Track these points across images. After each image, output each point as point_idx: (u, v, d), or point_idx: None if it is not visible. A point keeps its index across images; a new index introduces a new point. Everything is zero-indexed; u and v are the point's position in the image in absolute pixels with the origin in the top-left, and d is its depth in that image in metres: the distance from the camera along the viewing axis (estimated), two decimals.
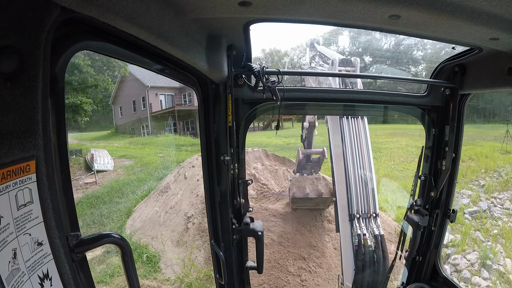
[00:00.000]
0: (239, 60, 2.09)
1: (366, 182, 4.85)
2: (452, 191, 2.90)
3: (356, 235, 4.42)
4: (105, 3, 0.94)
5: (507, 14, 1.41)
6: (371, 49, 30.67)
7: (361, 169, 4.90)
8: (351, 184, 4.78)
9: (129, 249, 1.34)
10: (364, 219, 4.63)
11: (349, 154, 4.98)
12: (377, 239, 4.31)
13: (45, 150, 0.91)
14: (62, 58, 0.99)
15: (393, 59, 28.76)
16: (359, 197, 4.74)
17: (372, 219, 4.66)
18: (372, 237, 4.37)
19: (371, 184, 4.86)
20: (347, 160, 4.93)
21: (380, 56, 29.27)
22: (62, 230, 1.00)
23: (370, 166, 4.97)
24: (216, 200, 2.39)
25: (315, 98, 2.56)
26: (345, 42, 33.45)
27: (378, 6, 1.38)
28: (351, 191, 4.75)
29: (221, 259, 2.37)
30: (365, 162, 4.99)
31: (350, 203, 4.71)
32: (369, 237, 4.37)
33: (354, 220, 4.58)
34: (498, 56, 2.01)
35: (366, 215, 4.67)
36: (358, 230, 4.49)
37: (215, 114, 2.22)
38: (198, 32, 1.69)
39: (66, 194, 1.04)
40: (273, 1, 1.39)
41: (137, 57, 1.40)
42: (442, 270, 3.08)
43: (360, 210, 4.68)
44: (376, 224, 4.62)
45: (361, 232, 4.44)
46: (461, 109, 2.65)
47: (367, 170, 4.94)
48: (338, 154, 5.08)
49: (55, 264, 0.98)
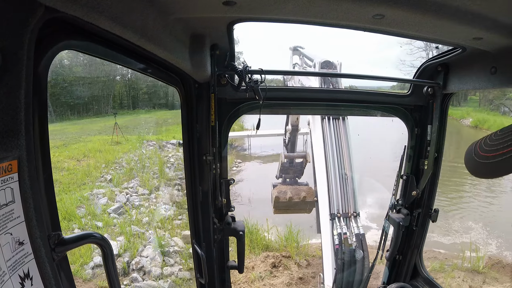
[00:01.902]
0: (223, 60, 2.09)
1: (347, 182, 4.95)
2: (434, 191, 2.89)
3: (337, 234, 4.47)
4: (89, 3, 0.94)
5: (491, 13, 1.42)
6: None
7: (342, 170, 5.02)
8: (332, 184, 4.90)
9: (110, 249, 1.35)
10: (345, 218, 4.69)
11: (331, 155, 5.13)
12: (358, 238, 4.36)
13: (27, 150, 0.90)
14: (46, 58, 0.98)
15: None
16: (340, 196, 4.83)
17: (353, 218, 4.72)
18: (353, 236, 4.42)
19: (351, 184, 4.96)
20: (329, 161, 5.07)
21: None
22: (43, 230, 0.99)
23: (350, 167, 5.09)
24: (198, 199, 2.38)
25: (297, 97, 2.57)
26: None
27: (362, 6, 1.38)
28: (332, 191, 4.86)
29: (202, 258, 2.37)
30: (346, 163, 5.12)
31: (331, 202, 4.80)
32: (349, 236, 4.42)
33: (335, 219, 4.65)
34: (482, 55, 2.01)
35: (347, 214, 4.74)
36: (338, 229, 4.55)
37: (198, 113, 2.22)
38: (182, 31, 1.68)
39: (48, 193, 1.04)
40: (257, 1, 1.39)
41: (120, 56, 1.39)
42: (423, 269, 3.09)
43: (341, 209, 4.76)
44: (357, 223, 4.69)
45: (342, 231, 4.48)
46: (444, 109, 2.65)
47: (348, 170, 5.05)
48: (319, 155, 5.24)
49: (36, 264, 0.97)
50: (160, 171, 14.01)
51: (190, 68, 1.86)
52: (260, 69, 2.11)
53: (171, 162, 15.52)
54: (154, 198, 12.01)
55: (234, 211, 2.61)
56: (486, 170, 1.12)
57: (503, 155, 1.02)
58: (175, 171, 14.54)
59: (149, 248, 8.63)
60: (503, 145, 1.03)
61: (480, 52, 1.98)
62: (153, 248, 8.55)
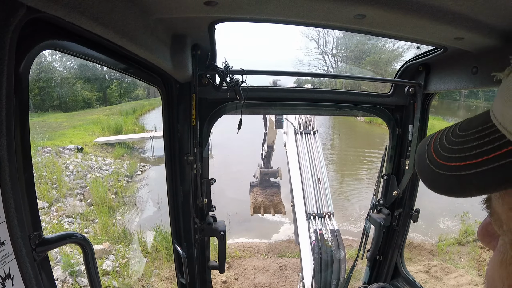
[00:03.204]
0: (204, 60, 2.09)
1: (320, 187, 5.28)
2: (415, 191, 2.90)
3: (313, 230, 4.59)
4: (70, 3, 0.93)
5: (472, 13, 1.42)
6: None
7: (315, 175, 5.43)
8: (306, 189, 5.22)
9: (91, 249, 1.34)
10: (320, 218, 4.86)
11: (304, 164, 5.62)
12: (333, 234, 4.47)
13: (8, 150, 0.90)
14: (27, 58, 0.97)
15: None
16: (315, 199, 5.10)
17: (327, 217, 4.90)
18: (328, 232, 4.53)
19: (324, 188, 5.27)
20: (303, 169, 5.51)
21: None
22: (24, 230, 0.98)
23: (322, 173, 5.48)
24: (178, 199, 2.38)
25: (279, 97, 2.58)
26: None
27: (344, 6, 1.38)
28: (307, 194, 5.15)
29: (183, 258, 2.36)
30: (318, 170, 5.53)
31: (307, 205, 5.03)
32: (325, 232, 4.54)
33: (311, 219, 4.83)
34: (463, 55, 2.02)
35: (322, 214, 4.92)
36: (314, 226, 4.70)
37: (179, 113, 2.22)
38: (163, 31, 1.68)
39: (29, 194, 1.02)
40: (239, 1, 1.40)
41: (101, 57, 1.38)
42: (404, 269, 3.12)
43: (316, 210, 4.98)
44: (331, 221, 4.85)
45: (317, 228, 4.62)
46: (425, 109, 2.65)
47: (320, 176, 5.43)
48: (294, 165, 5.69)
49: (17, 264, 0.96)
50: (58, 180, 12.88)
51: (171, 68, 1.86)
52: (241, 69, 2.12)
53: (70, 169, 14.44)
54: (55, 211, 11.09)
55: (215, 211, 2.61)
56: (448, 186, 0.65)
57: (477, 165, 0.59)
58: (75, 179, 13.51)
59: (58, 269, 7.76)
60: (476, 149, 0.61)
61: (461, 52, 2.00)
62: (62, 269, 7.72)
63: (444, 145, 0.71)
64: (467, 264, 9.37)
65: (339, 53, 37.81)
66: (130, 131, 21.39)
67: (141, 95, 34.92)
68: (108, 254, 8.73)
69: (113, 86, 32.40)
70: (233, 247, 10.10)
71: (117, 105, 30.72)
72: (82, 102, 28.76)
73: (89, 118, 23.09)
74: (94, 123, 21.72)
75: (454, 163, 0.64)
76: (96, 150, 17.60)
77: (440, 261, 9.37)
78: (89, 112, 26.04)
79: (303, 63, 37.72)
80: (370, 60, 33.89)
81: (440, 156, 0.69)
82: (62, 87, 27.61)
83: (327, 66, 38.00)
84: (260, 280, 8.55)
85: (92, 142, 18.24)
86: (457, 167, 0.63)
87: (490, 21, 1.51)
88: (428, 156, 0.73)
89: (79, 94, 28.51)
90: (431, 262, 9.23)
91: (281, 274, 8.77)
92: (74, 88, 28.10)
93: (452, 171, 0.64)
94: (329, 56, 37.95)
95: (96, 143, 18.27)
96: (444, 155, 0.68)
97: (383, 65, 32.05)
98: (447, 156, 0.67)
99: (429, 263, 9.15)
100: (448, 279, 8.44)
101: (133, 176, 15.47)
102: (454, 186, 0.64)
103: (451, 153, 0.67)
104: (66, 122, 22.16)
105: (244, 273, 8.90)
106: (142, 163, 17.46)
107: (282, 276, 8.70)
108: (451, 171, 0.64)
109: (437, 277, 8.55)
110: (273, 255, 9.79)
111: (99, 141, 18.45)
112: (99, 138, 19.09)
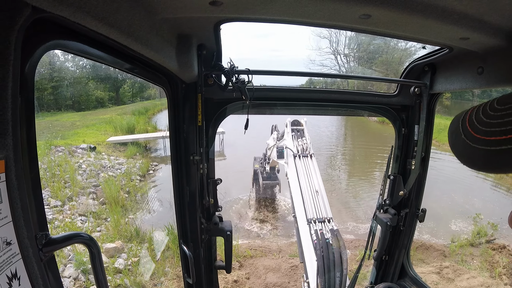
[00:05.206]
0: (210, 60, 2.09)
1: (318, 198, 5.74)
2: (421, 191, 2.89)
3: (314, 231, 4.73)
4: (76, 2, 0.94)
5: (478, 14, 1.42)
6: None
7: (314, 188, 5.99)
8: (306, 199, 5.69)
9: (97, 249, 1.35)
10: (320, 222, 5.05)
11: (303, 180, 6.27)
12: (333, 233, 4.56)
13: (14, 150, 0.90)
14: (33, 58, 0.98)
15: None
16: (314, 208, 5.48)
17: (327, 221, 5.09)
18: (328, 232, 4.61)
19: (322, 199, 5.70)
20: (302, 185, 6.12)
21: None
22: (31, 230, 0.99)
23: (320, 187, 6.04)
24: (185, 199, 2.39)
25: (284, 97, 2.58)
26: None
27: (349, 6, 1.38)
28: (307, 204, 5.58)
29: (189, 258, 2.37)
30: (316, 184, 6.13)
31: (307, 212, 5.35)
32: (326, 232, 4.63)
33: (311, 223, 5.02)
34: (468, 55, 2.00)
35: (322, 219, 5.14)
36: (315, 227, 4.86)
37: (185, 113, 2.23)
38: (169, 31, 1.69)
39: (35, 193, 1.04)
40: (244, 1, 1.40)
41: (107, 57, 1.39)
42: (411, 269, 3.10)
43: (316, 215, 5.27)
44: (331, 224, 5.03)
45: (318, 228, 4.77)
46: (431, 109, 2.64)
47: (318, 189, 5.95)
48: (294, 183, 6.31)
49: (24, 264, 0.97)
50: (71, 179, 13.03)
51: (177, 68, 1.87)
52: (247, 69, 2.11)
53: (82, 168, 14.58)
54: (68, 210, 11.24)
55: (221, 211, 2.61)
56: (486, 161, 0.63)
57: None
58: (87, 178, 13.65)
59: (70, 267, 7.87)
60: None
61: (467, 52, 1.98)
62: (74, 267, 7.83)
63: (481, 119, 0.68)
64: (479, 266, 9.23)
65: (351, 53, 37.33)
66: (142, 131, 21.59)
67: (153, 95, 35.08)
68: (121, 252, 8.83)
69: (125, 85, 32.63)
70: (245, 246, 10.13)
71: (130, 104, 30.95)
72: (94, 101, 28.99)
73: (102, 117, 23.33)
74: (106, 122, 21.95)
75: (493, 137, 0.63)
76: (109, 150, 17.78)
77: (452, 263, 9.25)
78: (101, 112, 26.26)
79: (315, 63, 37.47)
80: (382, 60, 33.42)
81: (477, 130, 0.67)
82: (75, 86, 27.76)
83: (339, 65, 37.64)
84: (271, 280, 8.53)
85: (104, 142, 18.44)
86: (497, 141, 0.62)
87: (496, 21, 1.49)
88: (463, 131, 0.71)
89: (92, 94, 28.71)
90: (443, 263, 9.11)
91: (293, 274, 8.74)
92: (87, 87, 28.30)
93: (490, 145, 0.63)
94: (341, 56, 37.52)
95: (108, 143, 18.47)
96: (482, 129, 0.66)
97: (396, 64, 31.54)
98: (485, 130, 0.65)
99: (441, 264, 9.04)
100: (460, 281, 8.32)
101: (145, 175, 15.64)
102: (492, 161, 0.63)
103: (490, 127, 0.64)
104: (78, 121, 22.43)
105: (256, 272, 8.90)
106: (155, 162, 17.57)
107: (294, 276, 8.67)
108: (490, 145, 0.63)
109: (449, 279, 8.44)
110: (284, 255, 9.78)
111: (111, 141, 18.67)
112: (111, 137, 19.30)
